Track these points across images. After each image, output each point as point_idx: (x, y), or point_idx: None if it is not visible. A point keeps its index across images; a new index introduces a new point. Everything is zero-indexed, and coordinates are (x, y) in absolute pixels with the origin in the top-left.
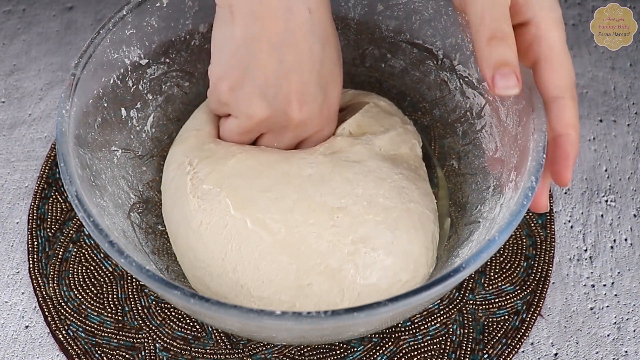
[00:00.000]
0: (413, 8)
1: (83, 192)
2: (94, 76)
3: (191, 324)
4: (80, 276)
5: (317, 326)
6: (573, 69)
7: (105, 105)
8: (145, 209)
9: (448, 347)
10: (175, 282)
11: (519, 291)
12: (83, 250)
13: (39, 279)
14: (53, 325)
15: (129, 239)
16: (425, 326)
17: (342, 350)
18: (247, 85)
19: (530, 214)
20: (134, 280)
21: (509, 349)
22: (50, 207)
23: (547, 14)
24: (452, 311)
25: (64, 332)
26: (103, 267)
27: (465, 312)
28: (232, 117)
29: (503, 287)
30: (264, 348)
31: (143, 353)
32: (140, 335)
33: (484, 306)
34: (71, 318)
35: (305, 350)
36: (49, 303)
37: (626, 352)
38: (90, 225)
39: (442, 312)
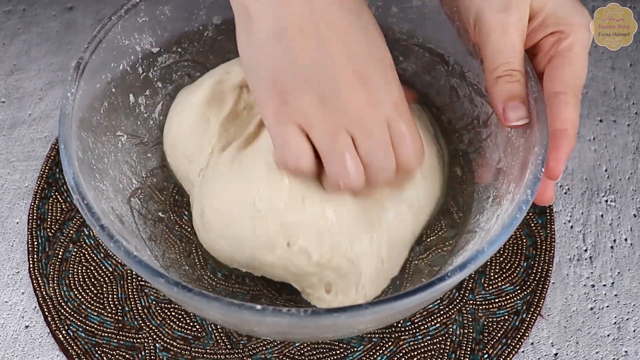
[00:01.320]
0: (427, 12)
1: (81, 174)
2: (103, 61)
3: (191, 323)
4: (80, 276)
5: (296, 323)
6: (585, 74)
7: (114, 90)
8: (147, 195)
9: (448, 347)
10: (168, 271)
11: (519, 291)
12: (83, 250)
13: (39, 279)
14: (53, 325)
15: (125, 224)
16: (425, 326)
17: (342, 350)
18: (294, 86)
19: (531, 213)
20: (134, 280)
21: (509, 349)
22: (50, 207)
23: (574, 20)
24: (452, 311)
25: (64, 332)
26: (103, 267)
27: (465, 312)
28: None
29: (503, 287)
30: (264, 348)
31: (143, 353)
32: (140, 335)
33: (484, 306)
34: (71, 318)
35: (305, 350)
36: (49, 303)
37: (626, 352)
38: (84, 208)
39: (442, 312)
